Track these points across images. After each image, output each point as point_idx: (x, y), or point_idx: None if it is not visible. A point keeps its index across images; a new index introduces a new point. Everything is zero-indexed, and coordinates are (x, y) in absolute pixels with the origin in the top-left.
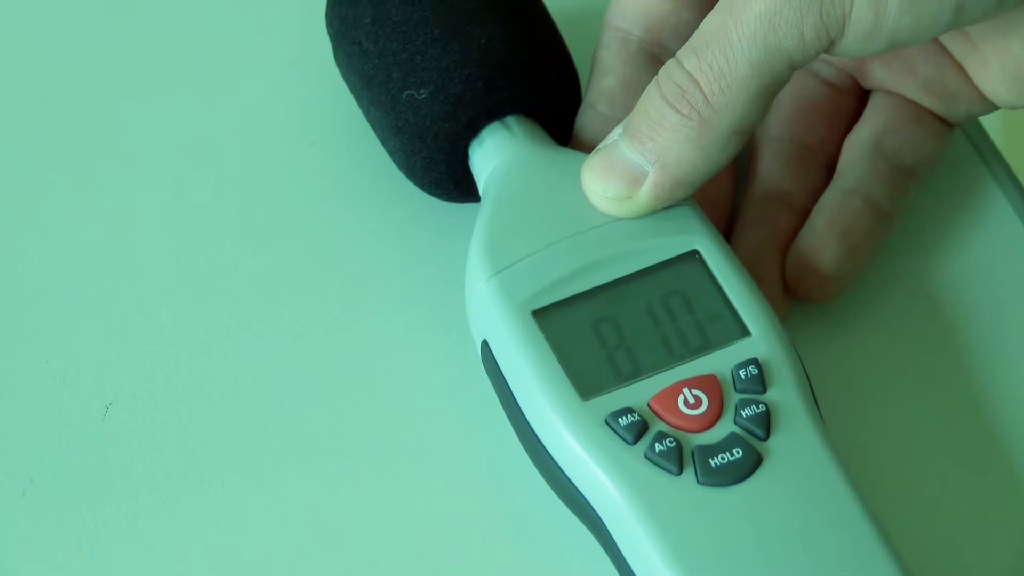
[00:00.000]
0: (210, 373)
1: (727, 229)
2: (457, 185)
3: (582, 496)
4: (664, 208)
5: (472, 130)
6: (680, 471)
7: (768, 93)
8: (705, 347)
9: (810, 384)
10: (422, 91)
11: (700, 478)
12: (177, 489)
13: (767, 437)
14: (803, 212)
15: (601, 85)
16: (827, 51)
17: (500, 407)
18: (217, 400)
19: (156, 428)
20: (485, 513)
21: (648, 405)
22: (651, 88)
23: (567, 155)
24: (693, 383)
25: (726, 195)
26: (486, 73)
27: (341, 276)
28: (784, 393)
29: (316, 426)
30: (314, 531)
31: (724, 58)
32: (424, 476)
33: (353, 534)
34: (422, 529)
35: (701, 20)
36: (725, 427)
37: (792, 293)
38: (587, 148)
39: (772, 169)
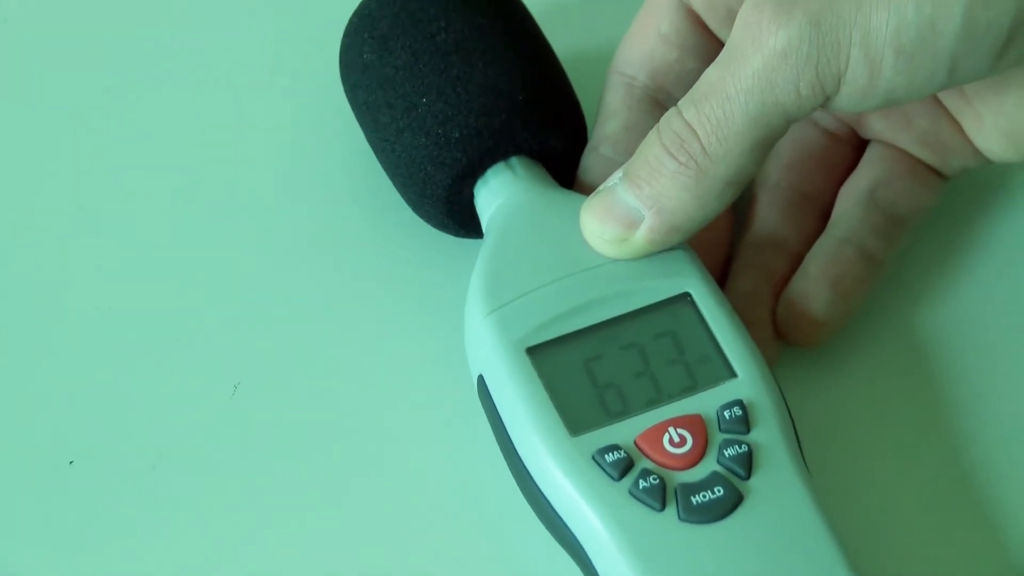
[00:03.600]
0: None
1: (723, 272)
2: (462, 222)
3: (568, 528)
4: (658, 252)
5: (477, 170)
6: (663, 507)
7: (764, 145)
8: (692, 387)
9: (794, 427)
10: (429, 131)
11: (682, 515)
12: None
13: (748, 477)
14: (797, 258)
15: (605, 129)
16: (823, 106)
17: (494, 439)
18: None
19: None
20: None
21: (634, 442)
22: (651, 136)
23: (567, 196)
24: (679, 422)
25: (723, 239)
26: (491, 115)
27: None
28: (767, 435)
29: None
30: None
31: (722, 110)
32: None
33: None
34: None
35: (705, 68)
36: (708, 466)
37: (783, 337)
38: (590, 189)
39: (768, 215)
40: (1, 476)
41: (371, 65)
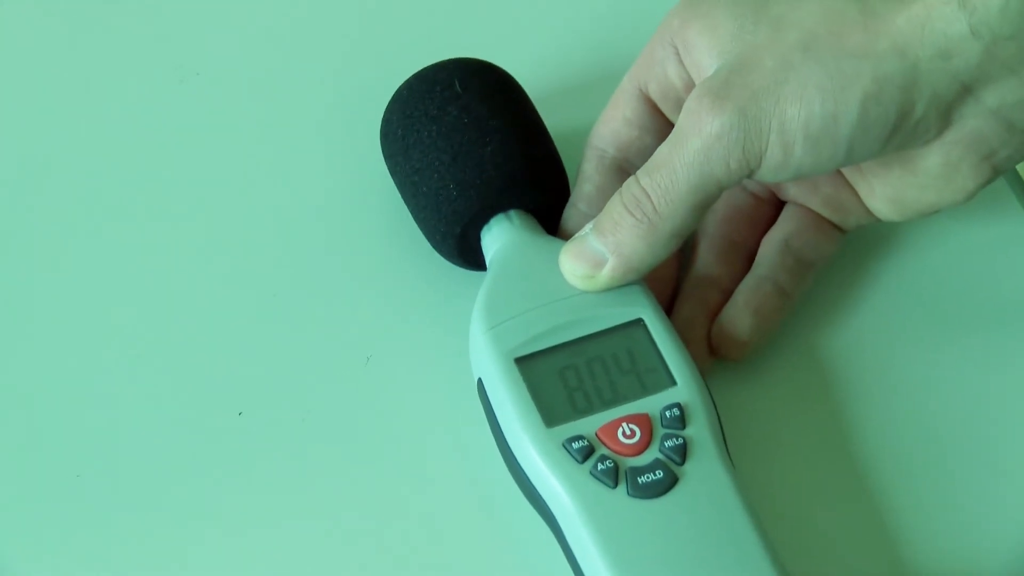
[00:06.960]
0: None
1: (669, 302)
2: (470, 259)
3: (543, 500)
4: (619, 286)
5: (483, 220)
6: (616, 485)
7: (702, 207)
8: (642, 392)
9: (720, 424)
10: (450, 191)
11: (630, 491)
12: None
13: (683, 463)
14: (728, 292)
15: (582, 189)
16: (748, 177)
17: (489, 429)
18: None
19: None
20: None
21: (595, 434)
22: (615, 197)
23: (550, 241)
24: (630, 419)
25: (670, 276)
26: (495, 179)
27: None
28: (699, 430)
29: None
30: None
31: (670, 179)
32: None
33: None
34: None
35: (658, 145)
36: (652, 454)
37: (715, 353)
38: (569, 236)
39: (706, 258)
40: (181, 421)
41: (395, 154)
